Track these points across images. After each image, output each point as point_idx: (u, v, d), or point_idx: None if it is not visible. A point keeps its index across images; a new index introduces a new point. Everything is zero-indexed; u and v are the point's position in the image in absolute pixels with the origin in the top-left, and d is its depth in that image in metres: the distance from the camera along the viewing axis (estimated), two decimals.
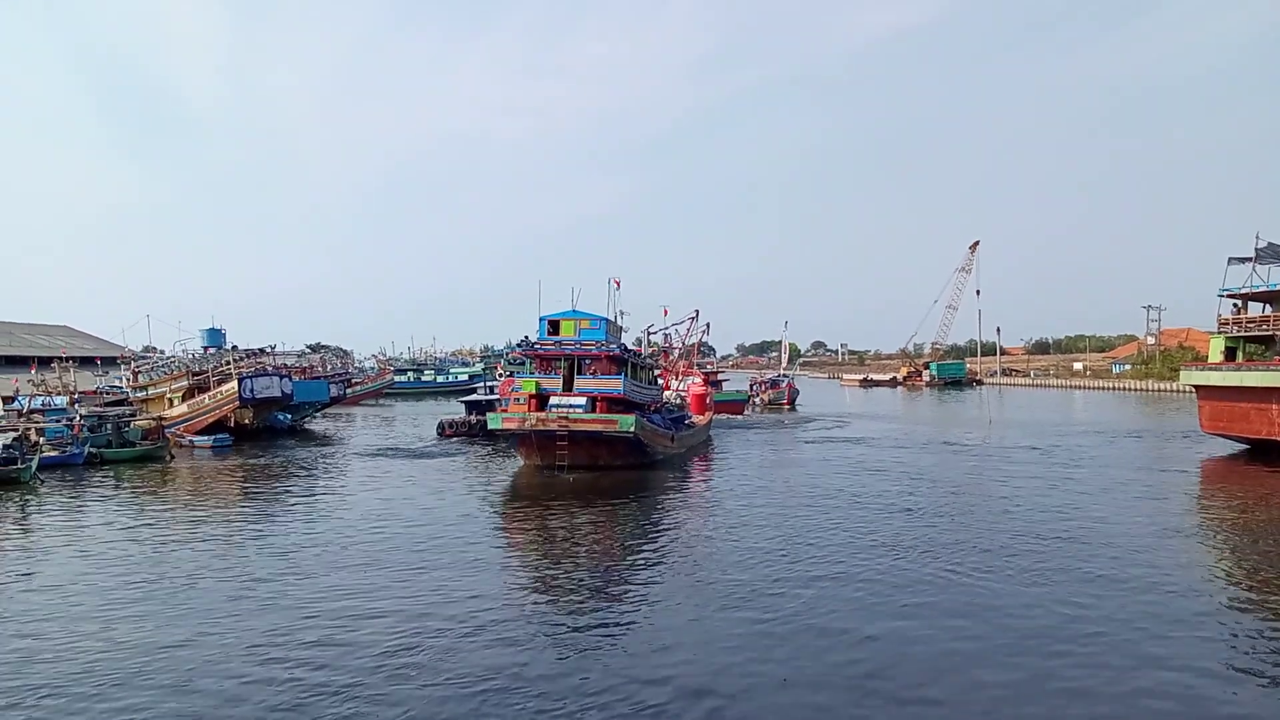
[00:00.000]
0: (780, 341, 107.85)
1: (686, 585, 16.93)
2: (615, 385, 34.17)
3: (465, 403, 54.94)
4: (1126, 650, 12.79)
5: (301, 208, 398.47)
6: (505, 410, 34.38)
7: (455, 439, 46.66)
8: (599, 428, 32.55)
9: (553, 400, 33.47)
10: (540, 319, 35.96)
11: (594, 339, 35.34)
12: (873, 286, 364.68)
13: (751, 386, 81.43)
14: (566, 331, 35.49)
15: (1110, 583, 16.55)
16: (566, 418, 32.35)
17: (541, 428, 32.37)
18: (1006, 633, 13.67)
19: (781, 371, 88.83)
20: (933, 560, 18.42)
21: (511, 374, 45.08)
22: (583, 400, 33.36)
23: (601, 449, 33.04)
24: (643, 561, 19.33)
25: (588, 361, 34.98)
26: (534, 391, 33.82)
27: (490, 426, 34.54)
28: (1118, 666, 12.15)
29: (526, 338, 36.00)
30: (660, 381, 46.92)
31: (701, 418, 48.11)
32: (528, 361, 36.95)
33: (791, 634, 13.61)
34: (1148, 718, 10.64)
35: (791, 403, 76.34)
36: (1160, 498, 27.18)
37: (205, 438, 44.85)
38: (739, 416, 63.41)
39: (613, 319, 37.81)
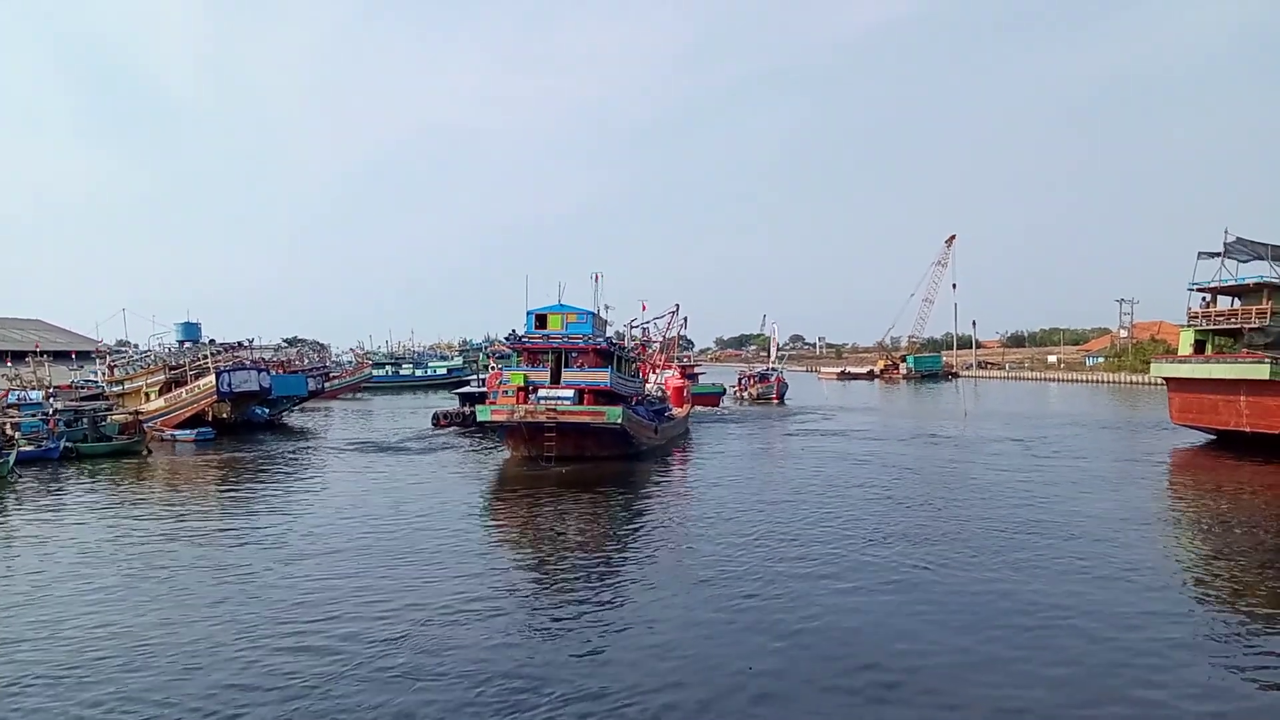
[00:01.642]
0: (759, 334, 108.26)
1: (671, 574, 17.16)
2: (602, 378, 34.67)
3: (459, 394, 57.11)
4: (1095, 630, 13.18)
5: (279, 200, 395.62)
6: (494, 402, 34.67)
7: (449, 429, 47.39)
8: (587, 419, 33.04)
9: (541, 392, 33.88)
10: (528, 313, 36.36)
11: (581, 332, 35.81)
12: (851, 280, 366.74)
13: (740, 380, 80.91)
14: (554, 325, 35.98)
15: (1080, 568, 16.97)
16: (555, 410, 32.79)
17: (530, 419, 32.76)
18: (977, 617, 14.02)
19: (770, 365, 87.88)
20: (905, 548, 18.76)
21: (500, 367, 45.72)
22: (570, 392, 33.90)
23: (589, 440, 33.46)
24: (630, 550, 19.61)
25: (575, 355, 35.44)
26: (522, 384, 34.18)
27: (479, 419, 34.89)
28: (1082, 647, 12.54)
29: (514, 331, 36.45)
30: (641, 374, 47.33)
31: (681, 410, 48.51)
32: (514, 354, 37.25)
33: (765, 621, 13.88)
34: (1110, 699, 11.00)
35: (780, 397, 74.19)
36: (1132, 487, 27.75)
37: (188, 431, 44.70)
38: (716, 409, 63.74)
39: (597, 313, 38.20)
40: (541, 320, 36.20)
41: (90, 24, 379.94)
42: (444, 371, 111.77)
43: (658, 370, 54.65)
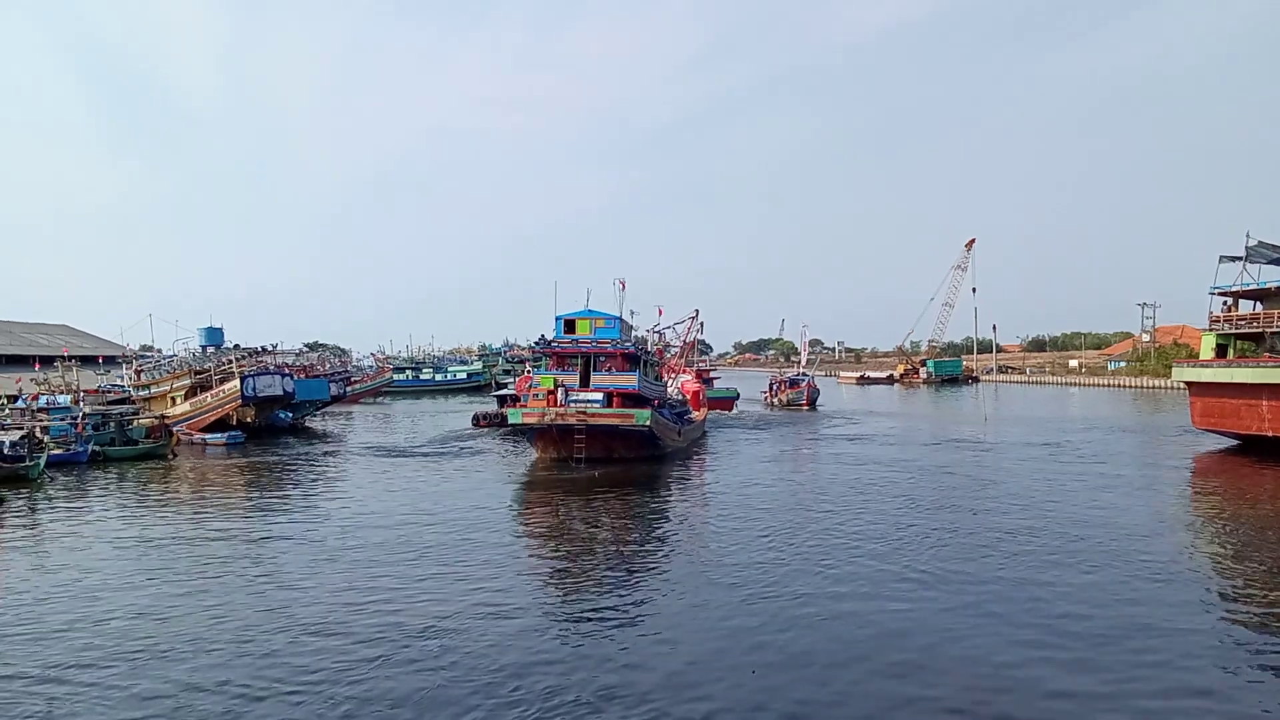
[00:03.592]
0: (778, 339, 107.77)
1: (696, 577, 17.27)
2: (630, 381, 35.47)
3: (497, 396, 60.26)
4: (1120, 634, 13.28)
5: (297, 204, 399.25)
6: (524, 405, 35.57)
7: (488, 428, 48.54)
8: (616, 422, 33.77)
9: (572, 395, 34.70)
10: (556, 318, 37.38)
11: (609, 337, 36.76)
12: (869, 284, 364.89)
13: (771, 386, 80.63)
14: (582, 330, 36.91)
15: (1103, 572, 17.01)
16: (585, 412, 33.52)
17: (561, 422, 33.50)
18: (1005, 622, 14.11)
19: (801, 370, 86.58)
20: (926, 553, 18.82)
21: (529, 370, 46.84)
22: (600, 396, 34.76)
23: (617, 442, 34.23)
24: (658, 553, 19.86)
25: (603, 359, 36.25)
26: (552, 387, 34.95)
27: (510, 421, 35.67)
28: (1112, 657, 12.63)
29: (543, 336, 37.35)
30: (663, 378, 48.04)
31: (699, 414, 48.95)
32: (543, 358, 38.09)
33: (782, 623, 14.05)
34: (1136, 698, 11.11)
35: (811, 403, 72.50)
36: (1154, 492, 27.62)
37: (219, 435, 45.47)
38: (730, 413, 63.86)
39: (623, 318, 39.02)
40: (570, 325, 37.14)
41: (109, 32, 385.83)
42: (464, 376, 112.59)
43: (674, 374, 55.04)
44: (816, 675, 11.85)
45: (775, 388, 78.90)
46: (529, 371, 51.20)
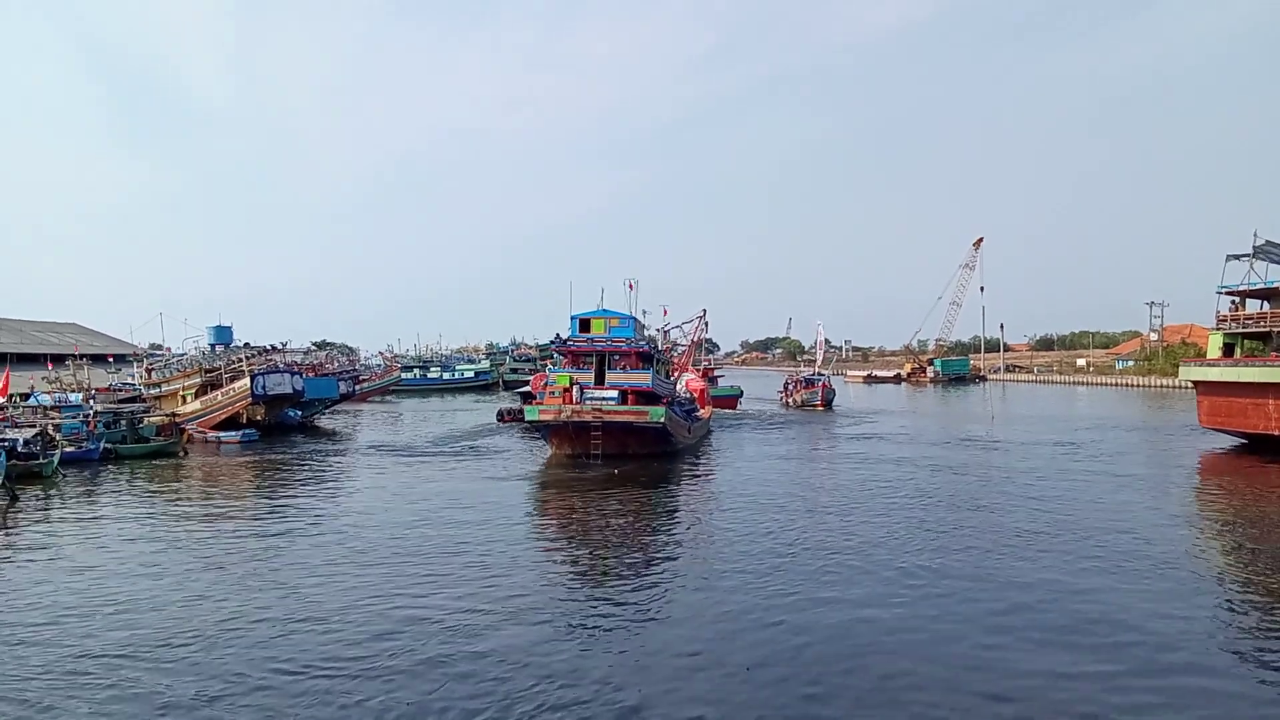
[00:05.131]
0: (785, 337, 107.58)
1: (705, 575, 17.44)
2: (644, 379, 36.18)
3: (520, 394, 63.07)
4: (1126, 629, 13.40)
5: (305, 203, 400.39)
6: (540, 403, 36.21)
7: (512, 424, 49.06)
8: (631, 419, 34.37)
9: (589, 393, 35.27)
10: (572, 317, 38.07)
11: (623, 336, 37.48)
12: (873, 283, 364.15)
13: (786, 386, 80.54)
14: (597, 329, 37.63)
15: (1111, 569, 17.10)
16: (600, 409, 34.07)
17: (577, 419, 34.06)
18: (1011, 618, 14.25)
19: (817, 370, 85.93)
20: (933, 552, 18.95)
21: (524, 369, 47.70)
22: (615, 393, 35.41)
23: (632, 439, 34.73)
24: (672, 550, 20.04)
25: (617, 357, 36.89)
26: (568, 385, 35.49)
27: (527, 418, 36.18)
28: (1117, 650, 12.76)
29: (559, 335, 38.11)
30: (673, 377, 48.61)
31: (705, 411, 49.40)
32: (558, 357, 38.85)
33: (782, 622, 14.16)
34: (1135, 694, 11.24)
35: (827, 404, 70.46)
36: (1161, 491, 27.61)
37: (233, 433, 45.78)
38: (733, 411, 64.15)
39: (635, 317, 39.78)
40: (585, 324, 37.80)
41: (118, 31, 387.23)
42: (471, 374, 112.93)
43: (678, 372, 55.34)
44: (815, 675, 11.93)
45: (791, 387, 78.52)
46: (545, 370, 51.60)
